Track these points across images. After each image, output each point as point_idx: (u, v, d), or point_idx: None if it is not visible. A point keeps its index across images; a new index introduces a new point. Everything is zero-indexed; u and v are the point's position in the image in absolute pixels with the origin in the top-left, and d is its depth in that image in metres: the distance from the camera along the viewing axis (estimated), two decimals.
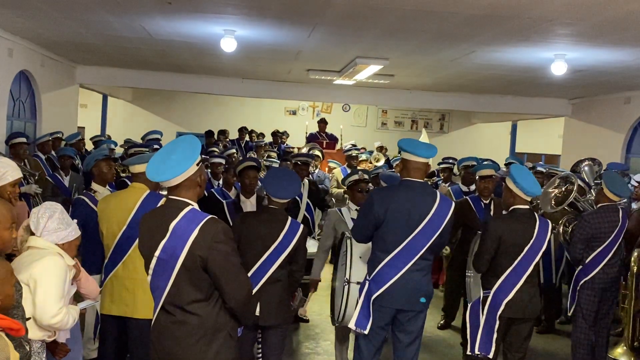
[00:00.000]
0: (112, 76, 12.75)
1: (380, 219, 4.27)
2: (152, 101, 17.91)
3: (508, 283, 4.55)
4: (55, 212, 3.48)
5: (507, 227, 4.57)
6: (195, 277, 3.01)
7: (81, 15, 7.42)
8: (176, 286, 3.02)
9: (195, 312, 3.04)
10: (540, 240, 4.55)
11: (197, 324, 3.05)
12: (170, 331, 3.09)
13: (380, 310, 4.31)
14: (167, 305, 3.08)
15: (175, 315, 3.07)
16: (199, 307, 3.04)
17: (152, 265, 3.08)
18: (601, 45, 7.27)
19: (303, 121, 16.62)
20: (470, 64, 9.26)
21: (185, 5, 6.58)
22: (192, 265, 2.98)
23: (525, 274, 4.54)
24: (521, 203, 4.59)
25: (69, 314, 3.30)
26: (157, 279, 3.09)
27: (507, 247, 4.54)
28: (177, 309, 3.06)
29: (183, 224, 3.00)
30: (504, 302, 4.53)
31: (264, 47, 8.79)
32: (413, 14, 6.24)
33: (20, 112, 10.07)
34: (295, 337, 6.69)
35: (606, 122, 12.02)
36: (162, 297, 3.08)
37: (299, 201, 7.03)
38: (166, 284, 3.03)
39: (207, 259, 2.97)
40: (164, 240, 3.01)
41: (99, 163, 5.40)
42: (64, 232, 3.46)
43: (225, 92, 14.15)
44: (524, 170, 4.68)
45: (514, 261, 4.53)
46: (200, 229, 2.98)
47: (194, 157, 3.05)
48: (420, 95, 13.52)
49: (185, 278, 3.01)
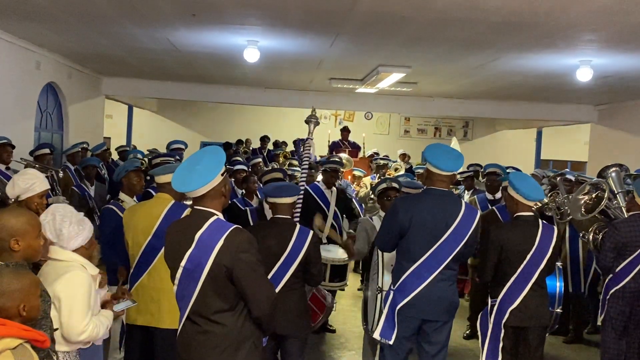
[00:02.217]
0: (137, 87, 12.94)
1: (405, 228, 4.24)
2: (176, 111, 18.10)
3: (513, 291, 4.51)
4: (72, 215, 3.36)
5: (508, 234, 4.53)
6: (221, 287, 3.01)
7: (107, 28, 7.53)
8: (202, 296, 3.02)
9: (220, 322, 3.04)
10: (544, 247, 4.49)
11: (222, 334, 3.05)
12: (197, 341, 3.09)
13: (406, 320, 4.28)
14: (193, 315, 3.09)
15: (201, 325, 3.07)
16: (225, 317, 3.05)
17: (178, 275, 3.09)
18: (626, 51, 7.17)
19: (325, 130, 16.62)
20: (494, 71, 9.20)
21: (209, 17, 6.65)
22: (217, 275, 2.99)
23: (531, 282, 4.48)
24: (524, 210, 4.54)
25: (99, 325, 3.26)
26: (183, 288, 3.09)
27: (509, 255, 4.50)
28: (203, 319, 3.06)
29: (208, 234, 3.02)
30: (509, 310, 4.49)
31: (287, 56, 8.83)
32: (436, 22, 6.22)
33: (47, 123, 10.24)
34: (320, 346, 6.66)
35: (633, 127, 11.84)
36: (188, 307, 3.08)
37: (325, 210, 7.01)
38: (192, 294, 3.04)
39: (232, 269, 2.97)
40: (190, 250, 3.02)
41: (130, 174, 5.45)
42: (84, 234, 3.35)
43: (248, 102, 14.23)
44: (524, 177, 4.66)
45: (518, 269, 4.48)
46: (225, 238, 2.99)
47: (219, 168, 3.07)
48: (443, 102, 13.46)
49: (211, 288, 3.01)
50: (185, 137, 14.88)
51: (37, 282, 2.68)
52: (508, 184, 4.61)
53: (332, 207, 7.10)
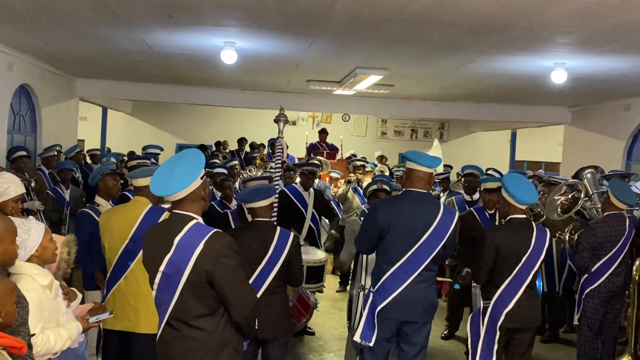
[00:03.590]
0: (112, 89, 12.78)
1: (384, 230, 4.26)
2: (152, 113, 17.94)
3: (507, 293, 4.53)
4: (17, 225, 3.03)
5: (504, 237, 4.54)
6: (201, 291, 2.98)
7: (81, 29, 7.43)
8: (181, 301, 2.99)
9: (200, 327, 3.01)
10: (538, 249, 4.52)
11: (202, 339, 3.02)
12: (176, 346, 3.06)
13: (385, 322, 4.29)
14: (172, 320, 3.05)
15: (181, 330, 3.04)
16: (205, 321, 3.02)
17: (157, 280, 3.05)
18: (601, 53, 7.28)
19: (303, 131, 16.63)
20: (470, 74, 9.27)
21: (185, 18, 6.59)
22: (197, 280, 2.95)
23: (525, 284, 4.52)
24: (517, 212, 4.56)
25: (56, 338, 3.03)
26: (162, 294, 3.05)
27: (505, 258, 4.51)
28: (183, 324, 3.03)
29: (188, 238, 2.98)
30: (504, 312, 4.51)
31: (264, 58, 8.81)
32: (413, 24, 6.25)
33: (20, 125, 10.07)
34: (299, 349, 6.65)
35: (606, 129, 12.03)
36: (167, 312, 3.04)
37: (303, 212, 7.01)
38: (171, 299, 3.00)
39: (212, 274, 2.94)
40: (169, 255, 2.98)
41: (106, 177, 5.39)
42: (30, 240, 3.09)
43: (225, 104, 14.17)
44: (518, 179, 4.64)
45: (513, 271, 4.51)
46: (205, 243, 2.95)
47: (199, 171, 3.04)
48: (420, 104, 13.54)
49: (190, 293, 2.98)
50: (160, 139, 14.79)
51: (13, 287, 2.63)
52: (502, 186, 4.62)
53: (309, 208, 7.11)
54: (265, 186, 4.55)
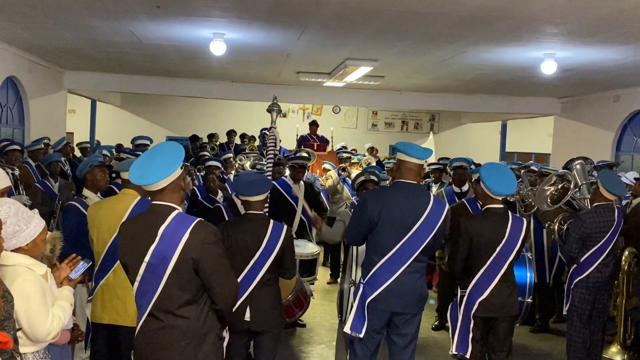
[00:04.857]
0: (101, 81, 12.69)
1: (374, 221, 4.24)
2: (141, 105, 17.84)
3: (482, 282, 4.56)
4: (9, 214, 2.98)
5: (478, 226, 4.56)
6: (186, 280, 3.02)
7: (69, 20, 7.36)
8: (166, 290, 3.03)
9: (184, 316, 3.06)
10: (513, 239, 4.53)
11: (186, 328, 3.06)
12: (159, 337, 3.08)
13: (375, 313, 4.29)
14: (156, 310, 3.07)
15: (164, 320, 3.07)
16: (189, 310, 3.07)
17: (141, 271, 3.05)
18: (590, 44, 7.29)
19: (294, 123, 16.59)
20: (460, 65, 9.27)
21: (173, 9, 6.54)
22: (183, 268, 3.00)
23: (500, 273, 4.54)
24: (494, 202, 4.58)
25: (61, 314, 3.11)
26: (146, 284, 3.06)
27: (479, 247, 4.54)
28: (167, 314, 3.06)
29: (172, 227, 3.02)
30: (478, 301, 4.54)
31: (254, 49, 8.76)
32: (402, 15, 6.23)
33: (8, 118, 9.98)
34: (290, 341, 6.65)
35: (596, 120, 12.08)
36: (151, 303, 3.06)
37: (294, 205, 6.99)
38: (156, 289, 3.03)
39: (199, 261, 3.00)
40: (154, 245, 3.01)
41: (94, 169, 5.34)
42: (24, 234, 3.03)
43: (215, 96, 14.12)
44: (495, 170, 4.63)
45: (487, 260, 4.53)
46: (190, 231, 3.00)
47: (179, 161, 3.09)
48: (411, 96, 13.54)
49: (176, 282, 3.02)
50: (150, 131, 14.68)
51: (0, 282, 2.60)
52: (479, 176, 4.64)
53: (300, 202, 7.09)
54: (261, 178, 4.50)
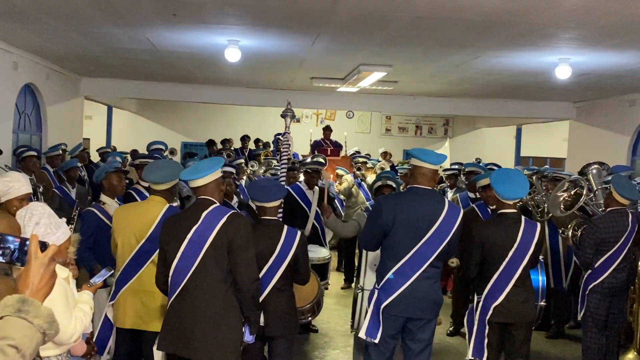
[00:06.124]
0: (117, 88, 12.82)
1: (389, 227, 4.26)
2: (156, 112, 17.97)
3: (496, 287, 4.55)
4: (43, 215, 3.11)
5: (489, 232, 4.57)
6: (219, 256, 3.59)
7: (86, 28, 7.45)
8: (202, 265, 3.59)
9: (212, 293, 3.61)
10: (525, 243, 4.52)
11: (212, 303, 3.61)
12: (187, 310, 3.61)
13: (390, 319, 4.29)
14: (189, 285, 3.61)
15: (195, 294, 3.61)
16: (216, 290, 3.62)
17: (182, 248, 3.61)
18: (605, 49, 7.26)
19: (307, 128, 16.62)
20: (475, 70, 9.26)
21: (189, 17, 6.61)
22: (218, 245, 3.58)
23: (514, 278, 4.52)
24: (507, 207, 4.59)
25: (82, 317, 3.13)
26: (185, 261, 3.62)
27: (491, 252, 4.54)
28: (197, 289, 3.61)
29: (213, 212, 3.68)
30: (492, 306, 4.54)
31: (268, 56, 8.81)
32: (417, 21, 6.24)
33: (26, 125, 10.11)
34: (304, 346, 6.67)
35: (611, 124, 11.99)
36: (186, 278, 3.61)
37: (307, 210, 7.00)
38: (193, 264, 3.60)
39: (232, 241, 3.59)
40: (196, 226, 3.63)
41: (110, 175, 5.38)
42: (53, 237, 3.08)
43: (230, 102, 14.18)
44: (506, 175, 4.65)
45: (500, 265, 4.53)
46: (228, 216, 3.65)
47: (219, 165, 3.80)
48: (424, 100, 13.52)
49: (211, 256, 3.60)
50: (165, 137, 14.80)
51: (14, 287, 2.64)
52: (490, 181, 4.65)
53: (313, 207, 7.10)
54: (276, 185, 4.52)
